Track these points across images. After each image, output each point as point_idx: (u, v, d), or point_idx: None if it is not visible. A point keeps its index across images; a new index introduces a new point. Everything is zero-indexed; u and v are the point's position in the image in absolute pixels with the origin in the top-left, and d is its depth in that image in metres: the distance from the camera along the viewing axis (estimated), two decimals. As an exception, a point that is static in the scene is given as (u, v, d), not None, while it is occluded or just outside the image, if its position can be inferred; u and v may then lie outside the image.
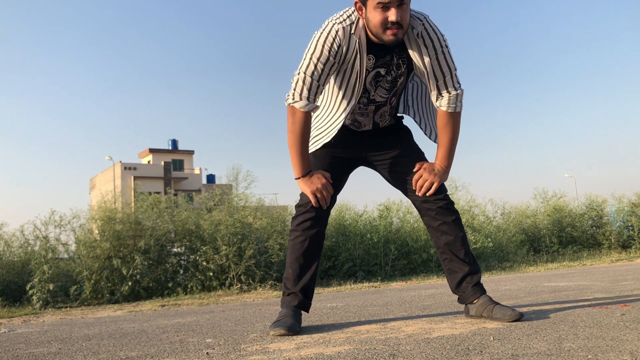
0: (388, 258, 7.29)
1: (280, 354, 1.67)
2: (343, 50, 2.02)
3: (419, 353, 1.56)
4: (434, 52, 2.05)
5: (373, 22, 1.97)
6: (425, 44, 2.04)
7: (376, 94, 2.20)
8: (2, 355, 2.01)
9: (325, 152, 2.27)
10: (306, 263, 2.21)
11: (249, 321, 2.72)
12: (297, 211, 2.25)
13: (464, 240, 2.22)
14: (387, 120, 2.31)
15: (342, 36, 2.00)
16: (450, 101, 2.13)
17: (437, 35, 2.05)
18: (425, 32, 2.03)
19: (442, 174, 2.21)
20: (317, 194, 2.15)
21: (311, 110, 2.09)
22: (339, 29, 1.99)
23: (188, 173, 42.11)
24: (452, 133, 2.19)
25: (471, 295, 2.19)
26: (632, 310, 2.20)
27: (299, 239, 2.21)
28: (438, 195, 2.21)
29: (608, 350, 1.45)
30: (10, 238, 6.69)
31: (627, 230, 10.13)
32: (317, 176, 2.17)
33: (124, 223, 6.24)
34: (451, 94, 2.12)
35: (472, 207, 9.21)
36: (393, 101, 2.27)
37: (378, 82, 2.16)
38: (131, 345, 2.07)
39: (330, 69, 2.04)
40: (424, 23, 2.04)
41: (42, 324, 3.51)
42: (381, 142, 2.32)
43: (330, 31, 2.00)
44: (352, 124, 2.29)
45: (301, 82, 2.05)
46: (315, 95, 2.07)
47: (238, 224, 6.46)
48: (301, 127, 2.10)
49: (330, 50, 2.00)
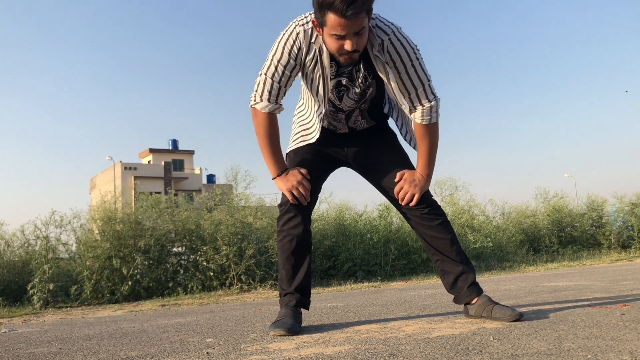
0: (388, 258, 7.29)
1: (280, 354, 1.67)
2: (303, 52, 1.98)
3: (418, 353, 1.57)
4: (403, 66, 1.98)
5: (328, 46, 1.93)
6: (392, 59, 1.96)
7: (342, 104, 2.16)
8: (3, 355, 2.01)
9: (306, 147, 2.26)
10: (297, 262, 2.21)
11: (249, 321, 2.73)
12: (280, 211, 2.25)
13: (454, 241, 2.21)
14: (363, 124, 2.27)
15: (303, 38, 1.96)
16: (424, 114, 2.07)
17: (404, 49, 1.96)
18: (391, 47, 1.95)
19: (423, 183, 2.19)
20: (293, 191, 2.15)
21: (273, 111, 2.08)
22: (299, 31, 1.96)
23: (188, 173, 42.11)
24: (430, 143, 2.15)
25: (467, 295, 2.19)
26: (632, 310, 2.20)
27: (286, 239, 2.21)
28: (421, 205, 2.20)
29: (608, 350, 1.45)
30: (11, 238, 6.69)
31: (627, 230, 10.13)
32: (293, 173, 2.16)
33: (124, 223, 6.24)
34: (424, 106, 2.06)
35: (472, 207, 9.21)
36: (363, 107, 2.21)
37: (340, 91, 2.12)
38: (131, 345, 2.07)
39: (291, 71, 2.01)
40: (391, 37, 1.94)
41: (43, 324, 3.51)
42: (361, 144, 2.28)
43: (291, 33, 1.97)
44: (329, 126, 2.27)
45: (262, 84, 2.04)
46: (277, 97, 2.05)
47: (238, 224, 6.47)
48: (266, 128, 2.10)
49: (290, 52, 1.97)
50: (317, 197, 2.30)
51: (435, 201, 2.25)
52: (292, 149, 2.29)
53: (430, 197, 2.24)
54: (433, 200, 2.25)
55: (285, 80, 2.03)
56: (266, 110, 2.07)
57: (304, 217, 2.22)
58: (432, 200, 2.24)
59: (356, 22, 1.80)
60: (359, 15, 1.79)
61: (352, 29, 1.82)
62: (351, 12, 1.76)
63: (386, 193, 2.29)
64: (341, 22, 1.80)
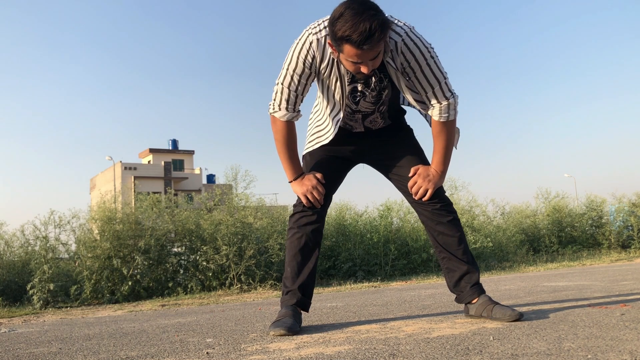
0: (388, 258, 7.29)
1: (280, 354, 1.67)
2: (317, 61, 2.00)
3: (418, 353, 1.57)
4: (418, 65, 1.97)
5: (344, 65, 1.94)
6: (407, 59, 1.96)
7: (359, 107, 2.18)
8: (3, 355, 2.01)
9: (322, 150, 2.28)
10: (304, 260, 2.22)
11: (249, 321, 2.73)
12: (294, 210, 2.28)
13: (462, 240, 2.22)
14: (379, 124, 2.28)
15: (316, 47, 1.97)
16: (442, 111, 2.08)
17: (419, 48, 1.95)
18: (405, 47, 1.94)
19: (438, 179, 2.20)
20: (307, 195, 2.19)
21: (292, 119, 2.13)
22: (313, 40, 1.97)
23: (188, 173, 42.10)
24: (446, 140, 2.16)
25: (469, 295, 2.19)
26: (632, 310, 2.20)
27: (296, 235, 2.23)
28: (433, 200, 2.21)
29: (608, 350, 1.45)
30: (11, 238, 6.69)
31: (626, 230, 10.13)
32: (308, 177, 2.21)
33: (124, 223, 6.24)
34: (442, 104, 2.06)
35: (473, 207, 9.21)
36: (382, 109, 2.22)
37: (356, 97, 2.13)
38: (131, 345, 2.07)
39: (307, 79, 2.05)
40: (404, 38, 1.94)
41: (43, 324, 3.51)
42: (377, 141, 2.29)
43: (305, 42, 1.98)
44: (345, 126, 2.29)
45: (279, 93, 2.08)
46: (295, 105, 2.10)
47: (238, 224, 6.47)
48: (284, 135, 2.15)
49: (304, 62, 2.00)
50: (331, 198, 2.32)
51: (448, 198, 2.26)
52: (308, 151, 2.32)
53: (443, 193, 2.25)
54: (446, 197, 2.26)
55: (302, 89, 2.07)
56: (284, 118, 2.12)
57: (319, 217, 2.25)
58: (445, 197, 2.25)
59: (373, 51, 1.83)
60: (376, 47, 1.81)
61: (369, 57, 1.85)
62: (368, 46, 1.78)
63: (400, 188, 2.30)
64: (358, 52, 1.82)
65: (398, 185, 2.31)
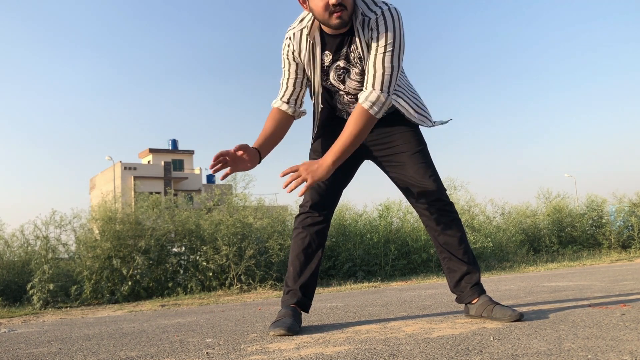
0: (388, 258, 7.29)
1: (280, 354, 1.67)
2: (296, 52, 2.13)
3: (418, 353, 1.56)
4: (376, 45, 1.98)
5: (317, 11, 1.96)
6: (372, 36, 1.98)
7: (347, 87, 2.17)
8: (2, 355, 2.01)
9: (323, 144, 2.28)
10: (307, 260, 2.23)
11: (249, 321, 2.72)
12: (300, 210, 2.29)
13: (463, 240, 2.21)
14: None
15: (293, 40, 2.12)
16: (367, 98, 2.01)
17: (386, 33, 1.96)
18: (375, 25, 1.97)
19: (322, 173, 2.01)
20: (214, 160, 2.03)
21: (280, 107, 2.20)
22: (290, 35, 2.13)
23: (188, 173, 42.09)
24: (355, 132, 2.02)
25: (470, 295, 2.19)
26: (632, 310, 2.20)
27: (300, 235, 2.24)
28: (433, 198, 2.19)
29: (608, 350, 1.45)
30: (11, 238, 6.68)
31: (627, 230, 10.12)
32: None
33: (124, 223, 6.23)
34: (373, 92, 2.01)
35: (472, 207, 9.20)
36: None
37: (341, 75, 2.14)
38: (131, 345, 2.07)
39: (295, 70, 2.17)
40: (379, 17, 1.96)
41: (42, 324, 3.51)
42: (377, 137, 2.26)
43: (285, 39, 2.15)
44: (344, 116, 2.28)
45: (279, 89, 2.24)
46: (290, 97, 2.21)
47: (238, 224, 6.46)
48: (268, 117, 2.23)
49: (287, 55, 2.16)
50: (339, 197, 2.32)
51: (449, 198, 2.25)
52: (311, 146, 2.35)
53: (444, 192, 2.23)
54: (447, 197, 2.24)
55: (293, 81, 2.19)
56: (275, 105, 2.23)
57: (324, 217, 2.26)
58: (446, 197, 2.23)
59: None
60: None
61: None
62: None
63: (398, 186, 2.29)
64: None
65: (396, 183, 2.30)
